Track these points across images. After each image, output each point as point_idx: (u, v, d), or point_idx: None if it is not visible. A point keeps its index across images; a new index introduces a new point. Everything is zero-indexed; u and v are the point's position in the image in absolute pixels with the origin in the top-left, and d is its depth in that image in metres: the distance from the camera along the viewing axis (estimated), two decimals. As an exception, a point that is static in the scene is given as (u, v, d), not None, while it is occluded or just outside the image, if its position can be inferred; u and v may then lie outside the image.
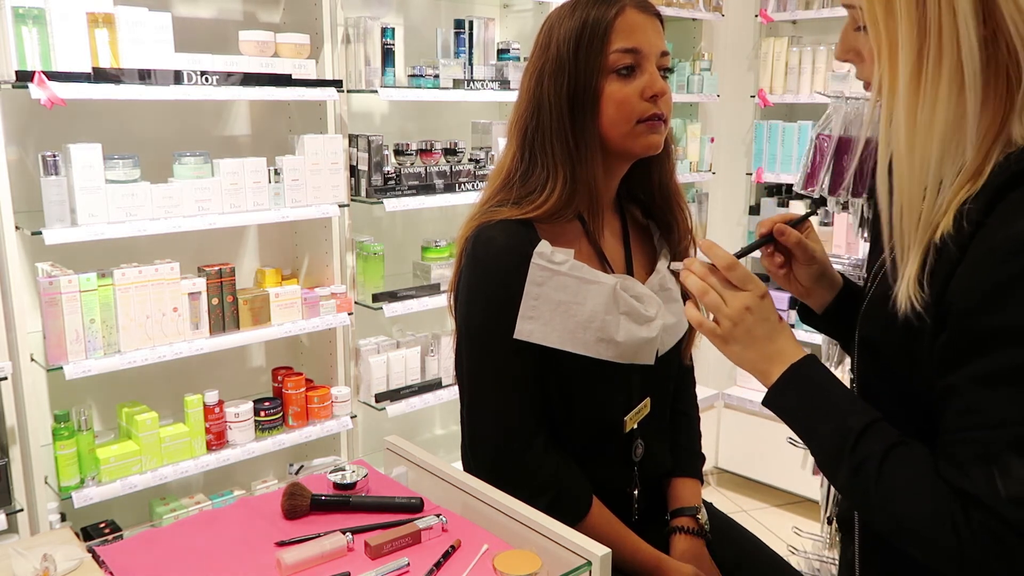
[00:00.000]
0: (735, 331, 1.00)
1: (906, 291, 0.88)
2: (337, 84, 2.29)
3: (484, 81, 2.57)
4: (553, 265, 1.22)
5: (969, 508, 0.82)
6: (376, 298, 2.43)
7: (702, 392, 3.11)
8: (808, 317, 1.24)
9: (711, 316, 1.03)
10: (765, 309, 1.00)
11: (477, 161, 2.60)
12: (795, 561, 2.52)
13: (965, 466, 0.83)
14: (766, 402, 1.01)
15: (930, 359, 0.88)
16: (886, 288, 0.92)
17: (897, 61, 0.87)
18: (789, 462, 3.15)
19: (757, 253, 1.20)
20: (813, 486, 3.01)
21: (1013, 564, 0.81)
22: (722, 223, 3.49)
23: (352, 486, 1.17)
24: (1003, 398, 0.81)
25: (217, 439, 2.21)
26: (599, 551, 0.97)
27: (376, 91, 2.32)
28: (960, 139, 0.87)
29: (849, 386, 1.10)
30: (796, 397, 0.99)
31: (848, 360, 1.27)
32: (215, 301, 2.16)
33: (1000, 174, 0.84)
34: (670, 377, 1.43)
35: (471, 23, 2.57)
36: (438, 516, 1.09)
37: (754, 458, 3.40)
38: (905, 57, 0.87)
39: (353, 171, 2.41)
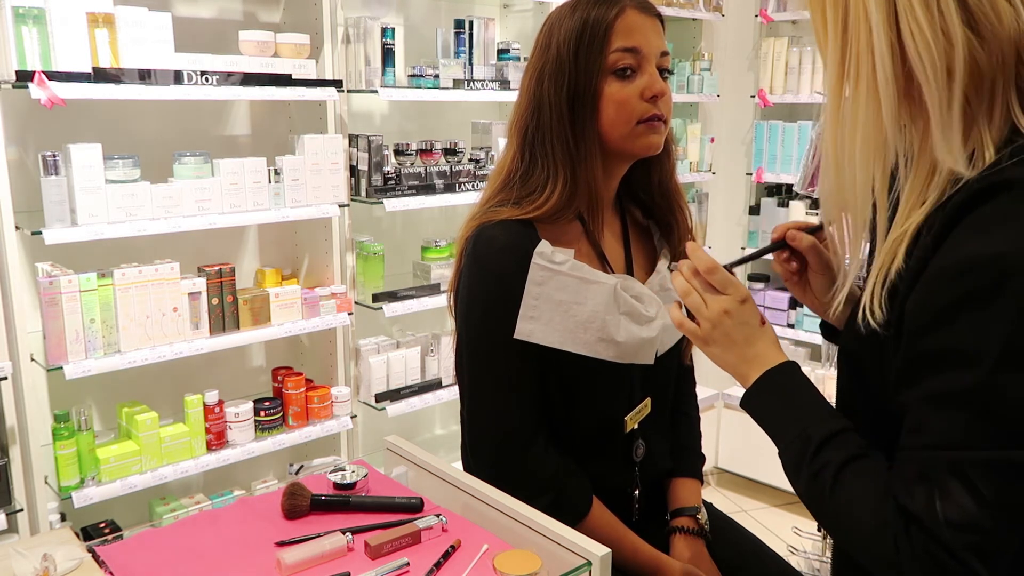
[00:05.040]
0: (714, 333, 1.02)
1: (865, 311, 0.88)
2: (337, 84, 2.29)
3: (484, 81, 2.57)
4: (553, 265, 1.22)
5: (910, 525, 0.82)
6: (376, 298, 2.43)
7: (702, 392, 3.10)
8: (831, 334, 1.15)
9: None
10: (745, 313, 1.01)
11: (477, 161, 2.60)
12: (795, 561, 2.52)
13: (909, 484, 0.83)
14: (742, 404, 1.04)
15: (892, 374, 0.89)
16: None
17: (827, 70, 0.89)
18: (789, 462, 3.14)
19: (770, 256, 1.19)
20: (813, 486, 3.00)
21: None
22: (722, 223, 3.49)
23: (352, 486, 1.17)
24: (948, 420, 0.80)
25: (217, 439, 2.21)
26: (599, 551, 0.97)
27: (376, 91, 2.32)
28: (881, 150, 0.87)
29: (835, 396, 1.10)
30: (767, 402, 1.01)
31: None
32: (215, 301, 2.16)
33: (970, 187, 0.81)
34: (670, 377, 1.44)
35: (471, 23, 2.57)
36: (438, 516, 1.09)
37: (754, 458, 3.40)
38: (831, 66, 0.88)
39: (353, 171, 2.41)
